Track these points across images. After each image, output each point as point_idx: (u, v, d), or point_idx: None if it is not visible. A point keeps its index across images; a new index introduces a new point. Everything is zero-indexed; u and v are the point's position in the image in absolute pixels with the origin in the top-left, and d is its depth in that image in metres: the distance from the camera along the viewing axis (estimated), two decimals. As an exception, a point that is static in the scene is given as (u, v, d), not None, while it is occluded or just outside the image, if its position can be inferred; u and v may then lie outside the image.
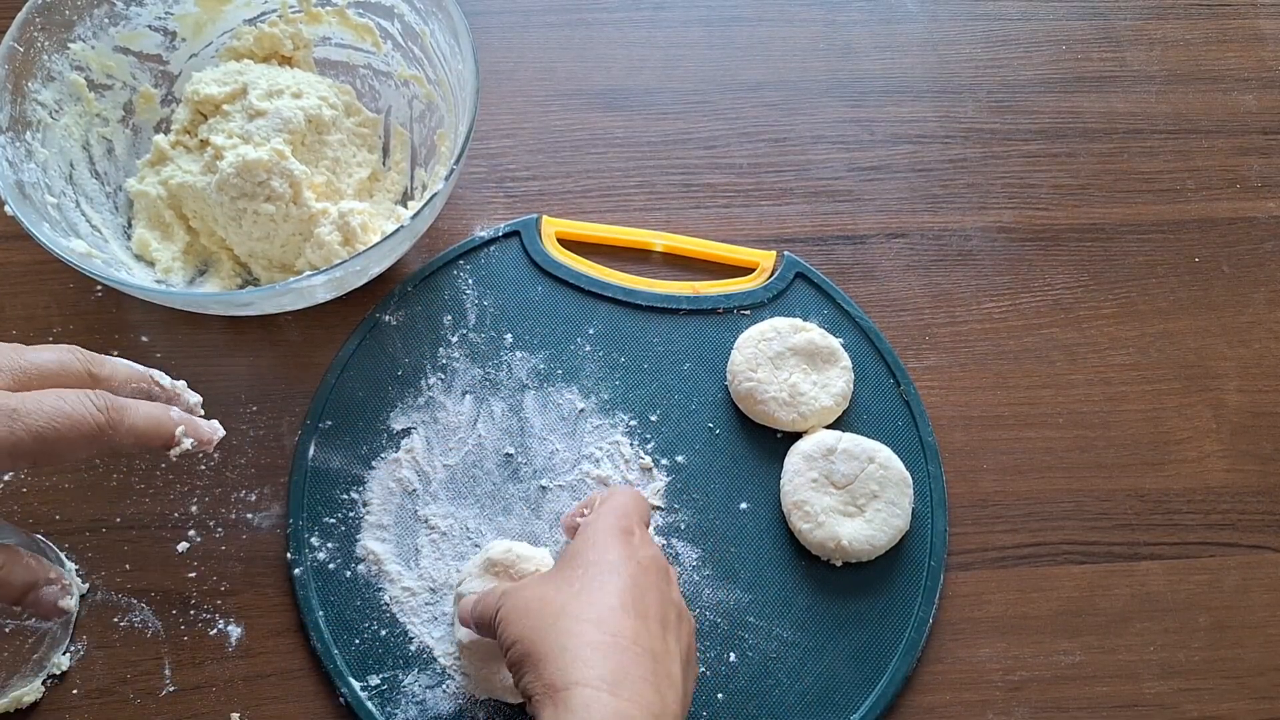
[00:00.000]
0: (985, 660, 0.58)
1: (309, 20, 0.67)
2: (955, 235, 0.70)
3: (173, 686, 0.55)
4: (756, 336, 0.62)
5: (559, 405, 0.62)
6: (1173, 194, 0.72)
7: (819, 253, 0.68)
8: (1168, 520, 0.62)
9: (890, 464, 0.59)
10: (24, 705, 0.54)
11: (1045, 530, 0.61)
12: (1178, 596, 0.60)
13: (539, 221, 0.67)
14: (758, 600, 0.57)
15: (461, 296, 0.65)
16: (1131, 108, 0.75)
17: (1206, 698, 0.57)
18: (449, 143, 0.64)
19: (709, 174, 0.71)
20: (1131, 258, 0.70)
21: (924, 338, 0.66)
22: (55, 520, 0.58)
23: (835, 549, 0.57)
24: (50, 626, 0.54)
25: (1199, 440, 0.64)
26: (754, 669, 0.56)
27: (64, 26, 0.61)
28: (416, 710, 0.54)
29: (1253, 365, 0.66)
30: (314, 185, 0.62)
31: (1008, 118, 0.74)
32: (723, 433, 0.62)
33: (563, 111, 0.73)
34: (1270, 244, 0.70)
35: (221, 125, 0.62)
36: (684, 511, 0.59)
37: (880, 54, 0.76)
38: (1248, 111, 0.75)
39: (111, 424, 0.45)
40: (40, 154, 0.59)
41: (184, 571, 0.57)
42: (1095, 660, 0.58)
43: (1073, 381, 0.65)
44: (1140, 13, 0.79)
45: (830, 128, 0.73)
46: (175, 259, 0.63)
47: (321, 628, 0.55)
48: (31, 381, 0.45)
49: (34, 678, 0.54)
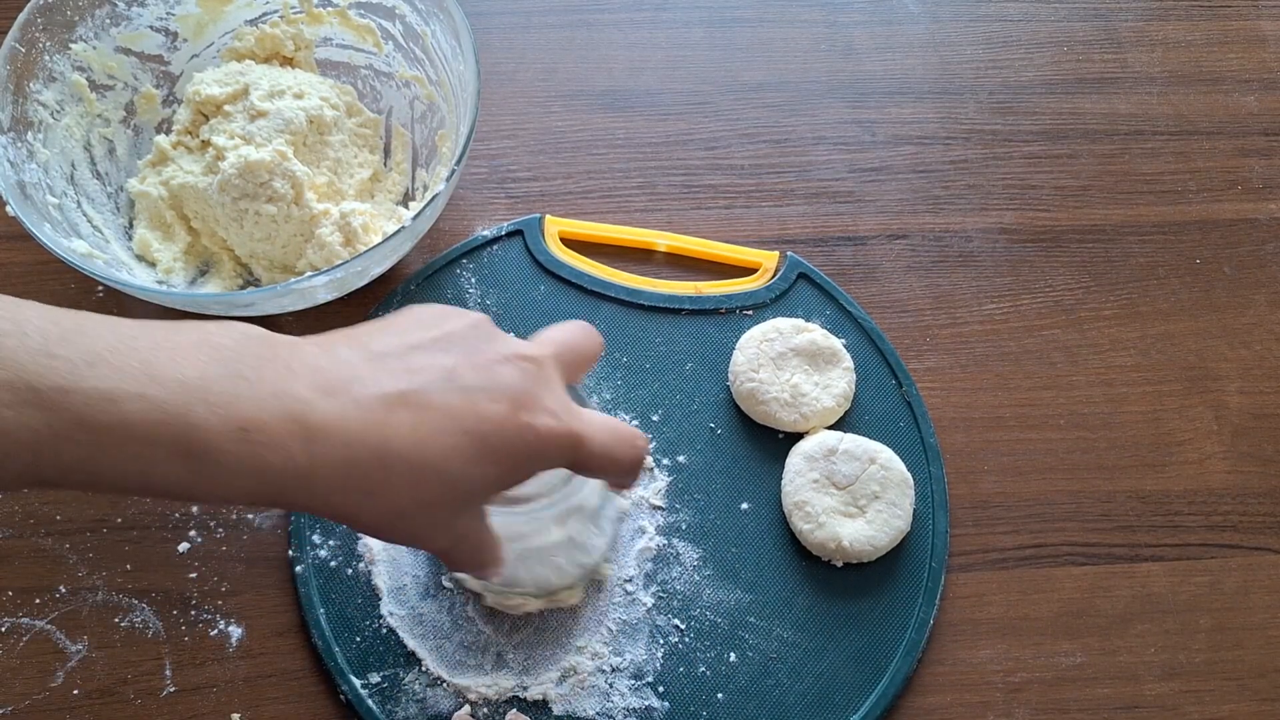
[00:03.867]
0: (986, 661, 0.58)
1: (310, 21, 0.68)
2: (956, 236, 0.70)
3: (173, 687, 0.55)
4: (758, 337, 0.62)
5: (560, 406, 0.62)
6: (1174, 195, 0.72)
7: (820, 254, 0.68)
8: (1169, 522, 0.62)
9: (891, 465, 0.59)
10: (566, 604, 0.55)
11: (1046, 531, 0.61)
12: (1179, 598, 0.60)
13: (542, 220, 0.67)
14: (758, 600, 0.57)
15: (464, 295, 0.65)
16: (1133, 109, 0.75)
17: (1208, 699, 0.57)
18: (450, 143, 0.64)
19: (710, 175, 0.71)
20: (1133, 259, 0.70)
21: (925, 339, 0.66)
22: (56, 520, 0.58)
23: (836, 549, 0.57)
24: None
25: (1200, 442, 0.64)
26: (754, 669, 0.56)
27: (65, 27, 0.61)
28: (417, 708, 0.54)
29: (1254, 367, 0.66)
30: (315, 186, 0.62)
31: (1009, 119, 0.74)
32: (724, 433, 0.62)
33: (564, 112, 0.73)
34: (1272, 245, 0.70)
35: (223, 126, 0.62)
36: (685, 511, 0.59)
37: (882, 55, 0.76)
38: (1249, 113, 0.75)
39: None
40: (42, 154, 0.59)
41: (185, 572, 0.57)
42: (1096, 662, 0.58)
43: (1074, 383, 0.65)
44: (1142, 14, 0.79)
45: (831, 129, 0.73)
46: (176, 260, 0.63)
47: (322, 625, 0.55)
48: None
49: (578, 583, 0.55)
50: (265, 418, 0.35)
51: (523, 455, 0.40)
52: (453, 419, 0.38)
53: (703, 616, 0.57)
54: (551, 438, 0.40)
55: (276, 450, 0.35)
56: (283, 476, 0.36)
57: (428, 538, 0.41)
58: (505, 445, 0.39)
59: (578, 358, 0.45)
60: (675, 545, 0.59)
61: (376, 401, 0.37)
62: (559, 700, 0.54)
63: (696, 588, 0.58)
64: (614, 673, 0.55)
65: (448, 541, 0.41)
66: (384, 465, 0.37)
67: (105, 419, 0.33)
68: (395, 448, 0.37)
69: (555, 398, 0.41)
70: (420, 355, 0.40)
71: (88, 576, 0.57)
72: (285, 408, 0.36)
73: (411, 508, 0.39)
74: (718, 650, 0.56)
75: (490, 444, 0.39)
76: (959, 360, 0.66)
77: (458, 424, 0.38)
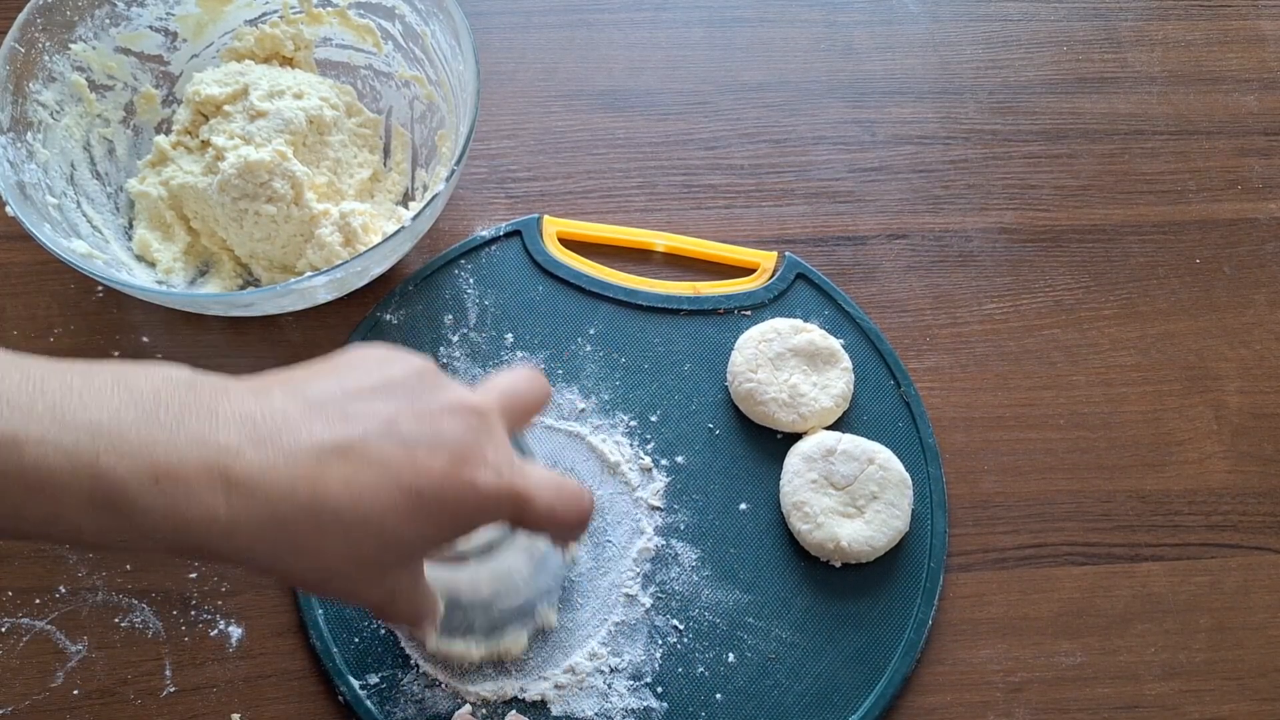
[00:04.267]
0: (985, 661, 0.58)
1: (310, 21, 0.68)
2: (956, 236, 0.70)
3: (173, 687, 0.55)
4: (757, 337, 0.62)
5: (559, 405, 0.62)
6: (1174, 195, 0.72)
7: (819, 253, 0.68)
8: (1169, 521, 0.62)
9: (890, 465, 0.59)
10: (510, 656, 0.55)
11: (1046, 531, 0.61)
12: (1179, 598, 0.60)
13: (540, 221, 0.67)
14: (757, 601, 0.57)
15: (462, 296, 0.65)
16: (1133, 109, 0.75)
17: (1208, 699, 0.57)
18: (450, 143, 0.64)
19: (710, 174, 0.71)
20: (1133, 259, 0.70)
21: (924, 339, 0.66)
22: (56, 520, 0.58)
23: (835, 550, 0.57)
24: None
25: (1200, 441, 0.64)
26: (753, 670, 0.56)
27: (65, 27, 0.61)
28: (415, 709, 0.54)
29: (1254, 366, 0.66)
30: (315, 186, 0.62)
31: (1009, 119, 0.74)
32: (723, 433, 0.62)
33: (564, 112, 0.73)
34: (1271, 245, 0.70)
35: (223, 126, 0.62)
36: (683, 512, 0.59)
37: (881, 55, 0.76)
38: (1249, 113, 0.75)
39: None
40: (41, 155, 0.59)
41: (185, 572, 0.57)
42: (1096, 661, 0.58)
43: (1074, 382, 0.65)
44: (1141, 14, 0.79)
45: (831, 128, 0.73)
46: (176, 259, 0.63)
47: (321, 626, 0.55)
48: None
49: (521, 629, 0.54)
50: (183, 467, 0.33)
51: (463, 513, 0.38)
52: (390, 473, 0.36)
53: (701, 617, 0.57)
54: (493, 495, 0.38)
55: (194, 502, 0.33)
56: (203, 529, 0.34)
57: (361, 593, 0.39)
58: (444, 502, 0.37)
59: (523, 407, 0.43)
60: (674, 546, 0.59)
61: (308, 452, 0.35)
62: (557, 701, 0.54)
63: (695, 588, 0.58)
64: (612, 673, 0.55)
65: (381, 596, 0.40)
66: (315, 521, 0.35)
67: (6, 465, 0.31)
68: (327, 503, 0.35)
69: (499, 452, 0.39)
70: (359, 403, 0.37)
71: (88, 576, 0.57)
72: (206, 456, 0.33)
73: (344, 565, 0.37)
74: (716, 651, 0.56)
75: (428, 501, 0.37)
76: (959, 360, 0.66)
77: (395, 479, 0.36)
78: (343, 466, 0.35)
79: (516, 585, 0.52)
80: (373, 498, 0.36)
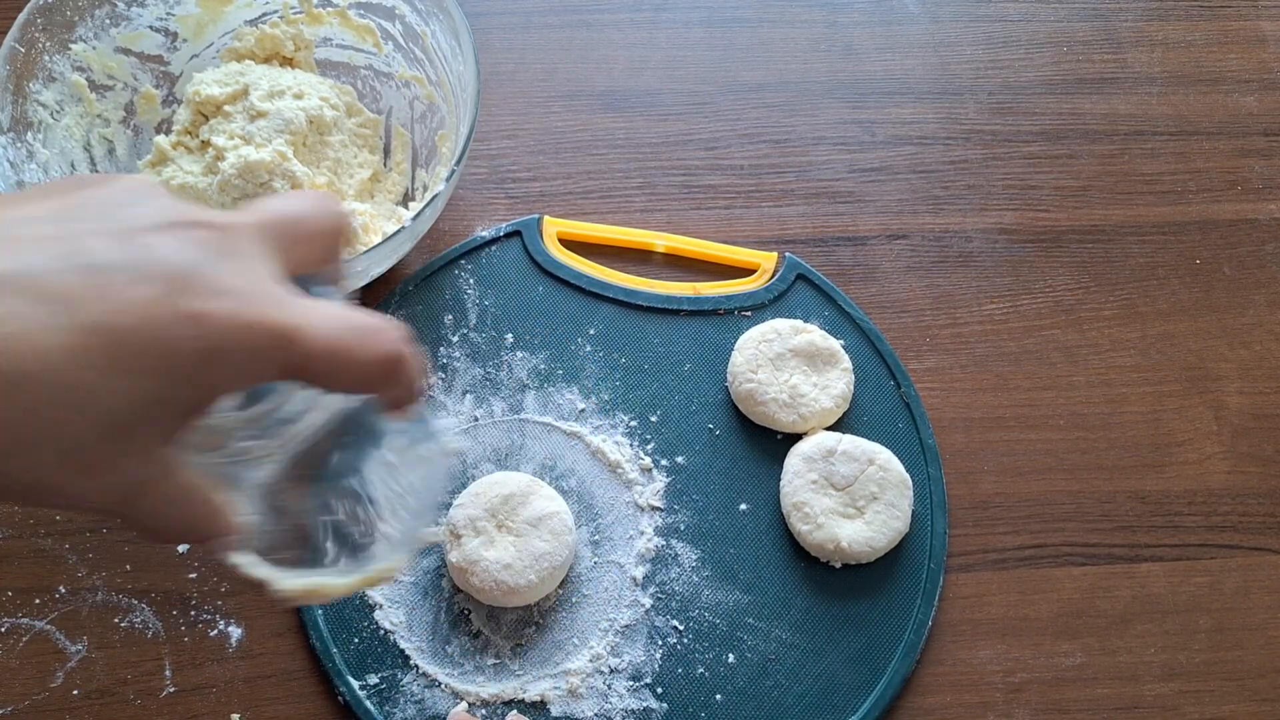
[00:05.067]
0: (985, 662, 0.58)
1: (310, 21, 0.68)
2: (956, 237, 0.70)
3: (173, 687, 0.55)
4: (757, 338, 0.62)
5: (559, 405, 0.62)
6: (1174, 196, 0.72)
7: (820, 254, 0.68)
8: (1169, 522, 0.62)
9: (890, 466, 0.59)
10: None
11: (1046, 532, 0.61)
12: (1179, 598, 0.60)
13: (540, 221, 0.67)
14: (757, 601, 0.57)
15: (462, 296, 0.65)
16: (1133, 109, 0.75)
17: (1208, 700, 0.57)
18: (450, 143, 0.64)
19: (710, 175, 0.71)
20: (1132, 259, 0.70)
21: (925, 339, 0.66)
22: (56, 520, 0.58)
23: (835, 550, 0.57)
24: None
25: (1200, 442, 0.64)
26: (753, 670, 0.56)
27: (65, 27, 0.61)
28: (415, 709, 0.54)
29: (1254, 367, 0.66)
30: (315, 186, 0.62)
31: (1009, 119, 0.74)
32: (723, 434, 0.62)
33: (564, 112, 0.73)
34: (1271, 246, 0.70)
35: (223, 126, 0.62)
36: (683, 512, 0.59)
37: (881, 55, 0.76)
38: (1249, 113, 0.75)
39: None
40: (42, 155, 0.59)
41: (184, 572, 0.57)
42: (1096, 662, 0.58)
43: (1073, 383, 0.65)
44: (1141, 14, 0.79)
45: (831, 129, 0.73)
46: (176, 259, 0.63)
47: (320, 626, 0.55)
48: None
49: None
50: None
51: (190, 359, 0.27)
52: (69, 309, 0.26)
53: (701, 617, 0.57)
54: (234, 332, 0.28)
55: None
56: None
57: (67, 488, 0.28)
58: (157, 344, 0.27)
59: (304, 232, 0.32)
60: (674, 546, 0.59)
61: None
62: (557, 701, 0.54)
63: (695, 589, 0.58)
64: (612, 674, 0.55)
65: (115, 495, 0.29)
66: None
67: None
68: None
69: (245, 278, 0.29)
70: (31, 226, 0.28)
71: (88, 576, 0.57)
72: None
73: (19, 445, 0.27)
74: (716, 651, 0.56)
75: (128, 343, 0.27)
76: (959, 360, 0.65)
77: (75, 317, 0.26)
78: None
79: (367, 484, 0.37)
80: (40, 342, 0.26)
